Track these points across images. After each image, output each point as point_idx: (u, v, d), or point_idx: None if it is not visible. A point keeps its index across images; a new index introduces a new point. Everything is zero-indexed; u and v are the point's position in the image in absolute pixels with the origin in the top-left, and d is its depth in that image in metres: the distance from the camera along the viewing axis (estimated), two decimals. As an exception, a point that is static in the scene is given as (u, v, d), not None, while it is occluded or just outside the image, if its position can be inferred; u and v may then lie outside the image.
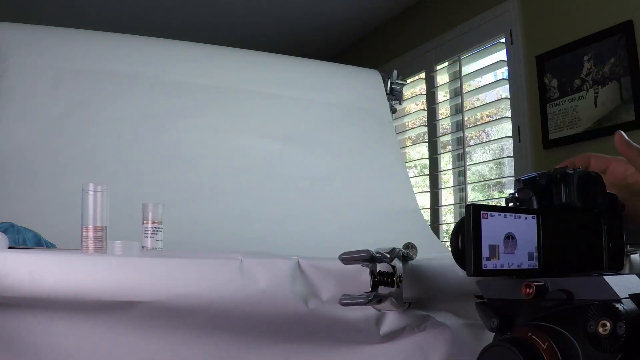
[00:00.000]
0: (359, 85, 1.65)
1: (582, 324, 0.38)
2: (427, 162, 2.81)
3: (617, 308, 0.37)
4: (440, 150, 2.72)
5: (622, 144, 0.54)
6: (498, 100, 2.44)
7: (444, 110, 2.75)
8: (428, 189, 2.80)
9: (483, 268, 0.41)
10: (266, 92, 1.47)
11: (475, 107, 2.61)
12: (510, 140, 2.31)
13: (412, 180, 2.62)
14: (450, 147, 2.69)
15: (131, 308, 0.50)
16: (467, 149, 2.55)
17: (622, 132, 0.54)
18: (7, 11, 2.85)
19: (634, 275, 0.42)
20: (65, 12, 2.92)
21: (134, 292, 0.50)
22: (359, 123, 1.56)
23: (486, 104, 2.59)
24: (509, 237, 0.43)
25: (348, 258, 0.52)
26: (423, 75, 2.82)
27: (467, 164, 2.55)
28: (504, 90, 2.39)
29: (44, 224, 0.93)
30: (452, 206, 2.71)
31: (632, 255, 0.67)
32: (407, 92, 2.80)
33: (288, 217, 1.30)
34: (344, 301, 0.53)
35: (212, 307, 0.52)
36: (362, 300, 0.53)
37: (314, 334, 0.58)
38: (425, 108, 2.79)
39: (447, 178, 2.77)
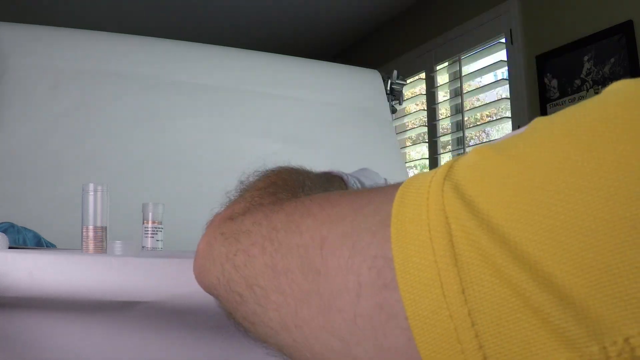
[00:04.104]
0: (359, 85, 1.65)
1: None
2: (427, 162, 2.81)
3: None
4: (440, 150, 2.73)
5: None
6: (498, 100, 2.44)
7: (444, 110, 2.76)
8: (428, 189, 2.80)
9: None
10: (266, 92, 1.47)
11: (475, 107, 2.61)
12: (510, 140, 2.31)
13: (412, 180, 2.61)
14: (450, 147, 2.69)
15: (131, 308, 0.50)
16: (467, 149, 2.55)
17: None
18: (7, 11, 2.85)
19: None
20: (65, 12, 2.92)
21: (134, 292, 0.50)
22: (359, 123, 1.56)
23: (486, 104, 2.59)
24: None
25: (348, 258, 0.52)
26: (423, 75, 2.82)
27: (467, 164, 2.55)
28: (504, 90, 2.39)
29: (44, 224, 0.93)
30: (452, 206, 2.71)
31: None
32: (407, 92, 2.80)
33: (288, 217, 1.30)
34: (344, 301, 0.53)
35: (212, 307, 0.52)
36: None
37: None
38: (425, 108, 2.79)
39: (447, 178, 2.77)
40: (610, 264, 0.16)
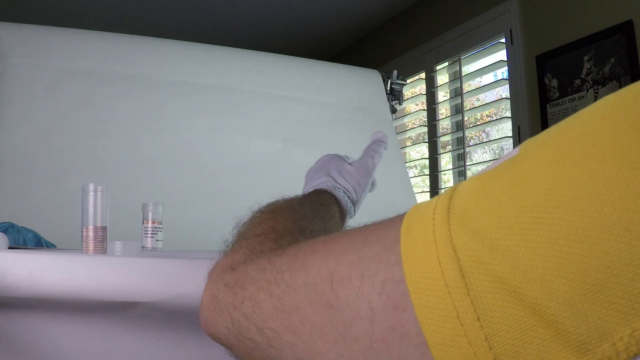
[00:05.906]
0: (359, 85, 1.65)
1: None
2: (427, 162, 2.81)
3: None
4: (440, 150, 2.73)
5: None
6: (498, 100, 2.44)
7: (444, 110, 2.76)
8: (428, 189, 2.80)
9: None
10: (266, 92, 1.47)
11: (475, 107, 2.61)
12: (510, 140, 2.32)
13: (412, 180, 2.62)
14: (450, 147, 2.69)
15: (131, 308, 0.50)
16: (467, 149, 2.55)
17: None
18: (7, 11, 2.85)
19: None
20: (65, 12, 2.92)
21: (134, 292, 0.50)
22: (359, 123, 1.56)
23: (486, 104, 2.59)
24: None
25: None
26: (423, 75, 2.82)
27: (467, 164, 2.55)
28: (504, 90, 2.39)
29: (44, 224, 0.93)
30: (452, 206, 2.70)
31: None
32: (407, 92, 2.80)
33: (288, 217, 1.30)
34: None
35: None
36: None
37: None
38: (425, 108, 2.79)
39: (447, 178, 2.77)
40: (609, 265, 0.17)
